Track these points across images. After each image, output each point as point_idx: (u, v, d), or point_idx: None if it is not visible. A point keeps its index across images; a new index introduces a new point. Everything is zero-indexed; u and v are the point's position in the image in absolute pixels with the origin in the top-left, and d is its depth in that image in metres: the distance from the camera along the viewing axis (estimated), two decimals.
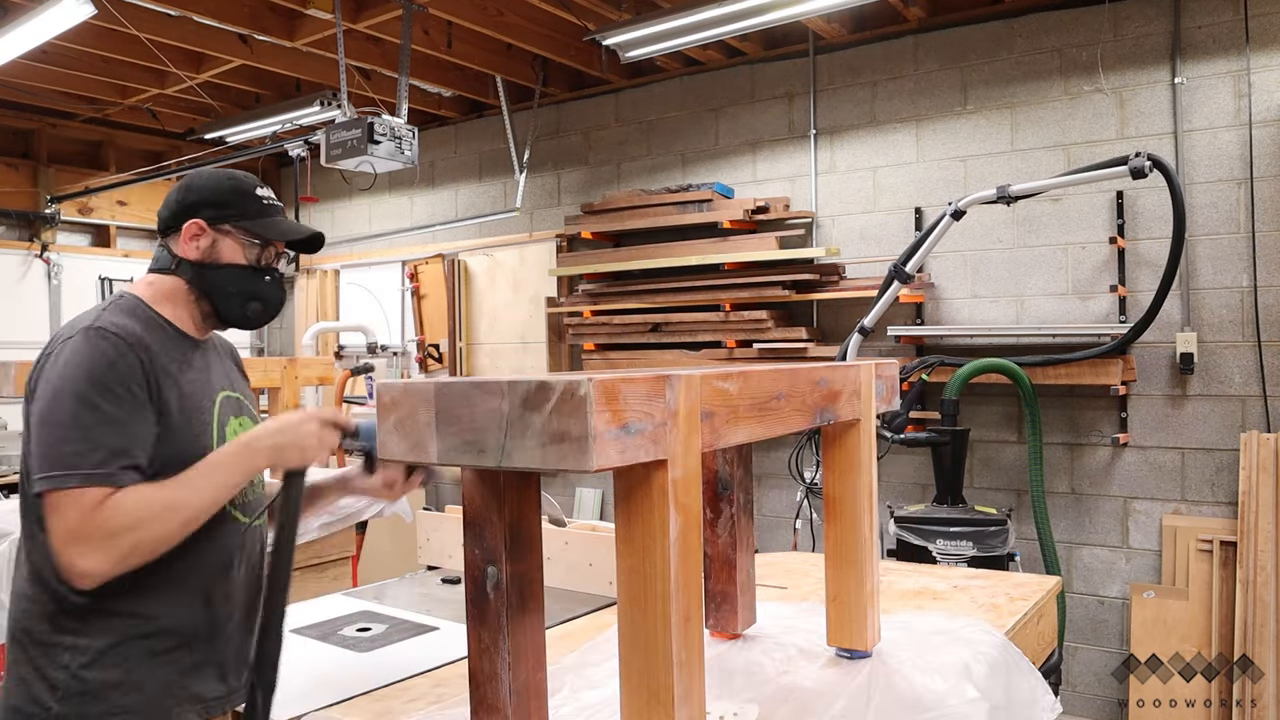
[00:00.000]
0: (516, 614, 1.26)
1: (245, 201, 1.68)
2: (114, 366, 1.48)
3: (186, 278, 1.66)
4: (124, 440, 1.47)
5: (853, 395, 1.68)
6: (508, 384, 1.06)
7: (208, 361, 1.71)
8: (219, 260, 1.66)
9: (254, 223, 1.67)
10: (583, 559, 2.59)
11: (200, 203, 1.65)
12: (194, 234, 1.65)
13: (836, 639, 1.75)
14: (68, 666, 1.50)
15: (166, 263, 1.67)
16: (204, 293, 1.66)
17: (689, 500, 1.16)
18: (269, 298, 1.71)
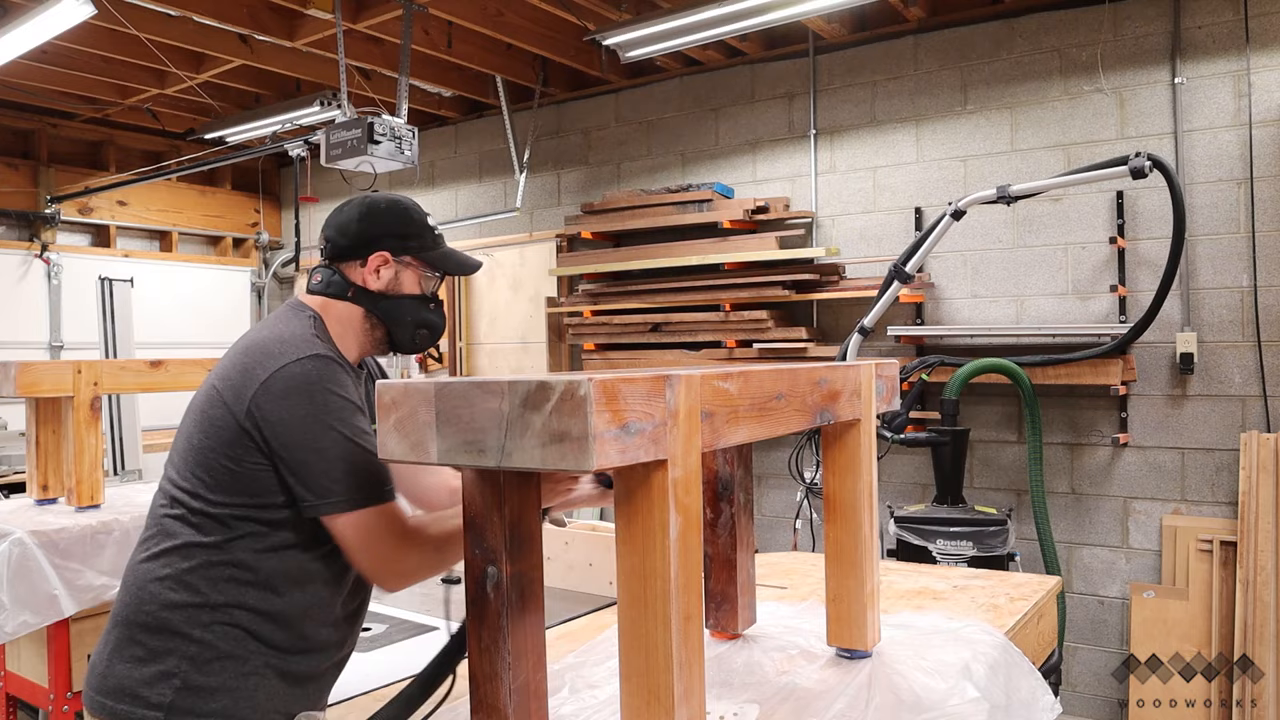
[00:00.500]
0: (516, 614, 1.26)
1: (424, 233, 1.73)
2: (349, 392, 1.56)
3: (366, 306, 1.69)
4: (379, 462, 1.53)
5: (853, 395, 1.68)
6: (508, 384, 1.06)
7: (362, 392, 1.75)
8: (400, 291, 1.70)
9: (432, 255, 1.73)
10: (583, 559, 2.59)
11: (385, 234, 1.69)
12: (379, 264, 1.69)
13: (836, 639, 1.75)
14: (194, 659, 1.53)
15: (341, 289, 1.69)
16: (382, 321, 1.71)
17: (689, 500, 1.16)
18: (436, 325, 1.78)
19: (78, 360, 3.34)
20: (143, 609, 1.56)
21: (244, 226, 7.97)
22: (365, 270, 1.68)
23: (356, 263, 1.69)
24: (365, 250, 1.68)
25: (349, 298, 1.68)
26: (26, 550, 2.81)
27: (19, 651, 3.15)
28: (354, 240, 1.69)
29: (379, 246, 1.68)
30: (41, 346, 6.68)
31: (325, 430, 1.50)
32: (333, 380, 1.53)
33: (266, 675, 1.57)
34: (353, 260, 1.69)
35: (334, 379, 1.53)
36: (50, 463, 3.34)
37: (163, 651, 1.53)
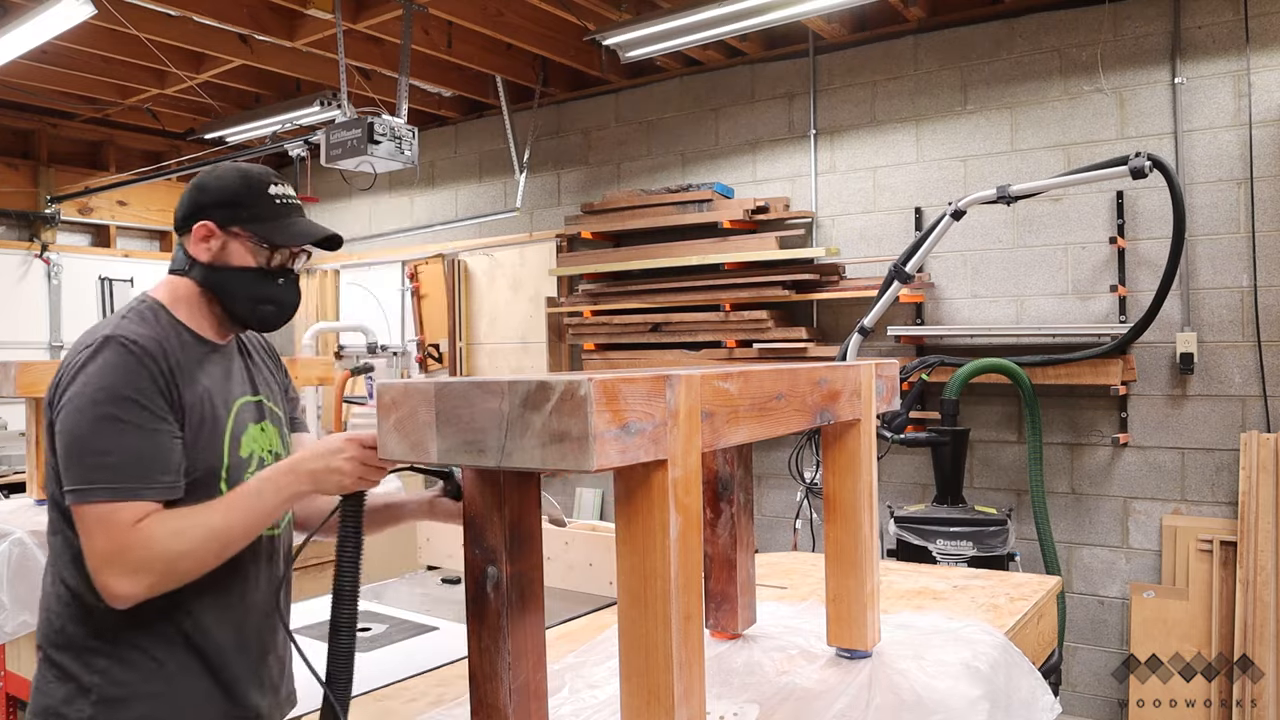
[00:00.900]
0: (516, 614, 1.26)
1: (257, 202, 1.62)
2: (134, 379, 1.47)
3: (198, 279, 1.62)
4: (151, 454, 1.46)
5: (853, 395, 1.68)
6: (508, 384, 1.06)
7: (227, 367, 1.67)
8: (229, 263, 1.61)
9: (264, 225, 1.62)
10: (583, 559, 2.59)
11: (211, 203, 1.61)
12: (204, 236, 1.61)
13: (836, 639, 1.75)
14: (104, 671, 1.49)
15: (182, 264, 1.64)
16: (215, 295, 1.63)
17: (689, 500, 1.16)
18: (282, 300, 1.67)
19: None
20: (50, 627, 1.54)
21: None
22: (193, 241, 1.61)
23: (189, 235, 1.62)
24: (192, 221, 1.61)
25: (186, 272, 1.63)
26: (26, 550, 2.82)
27: (19, 651, 3.15)
28: (185, 211, 1.63)
29: (203, 216, 1.60)
30: (41, 346, 6.68)
31: (81, 418, 1.44)
32: (112, 367, 1.46)
33: (188, 674, 1.54)
34: (186, 233, 1.63)
35: (114, 366, 1.46)
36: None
37: (74, 667, 1.50)
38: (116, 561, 1.39)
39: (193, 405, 1.54)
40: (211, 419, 1.58)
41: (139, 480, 1.43)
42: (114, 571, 1.39)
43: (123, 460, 1.43)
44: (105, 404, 1.44)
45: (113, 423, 1.44)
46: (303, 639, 2.15)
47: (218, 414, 1.60)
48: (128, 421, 1.44)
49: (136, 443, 1.45)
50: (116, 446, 1.43)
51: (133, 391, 1.46)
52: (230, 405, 1.63)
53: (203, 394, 1.57)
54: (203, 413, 1.56)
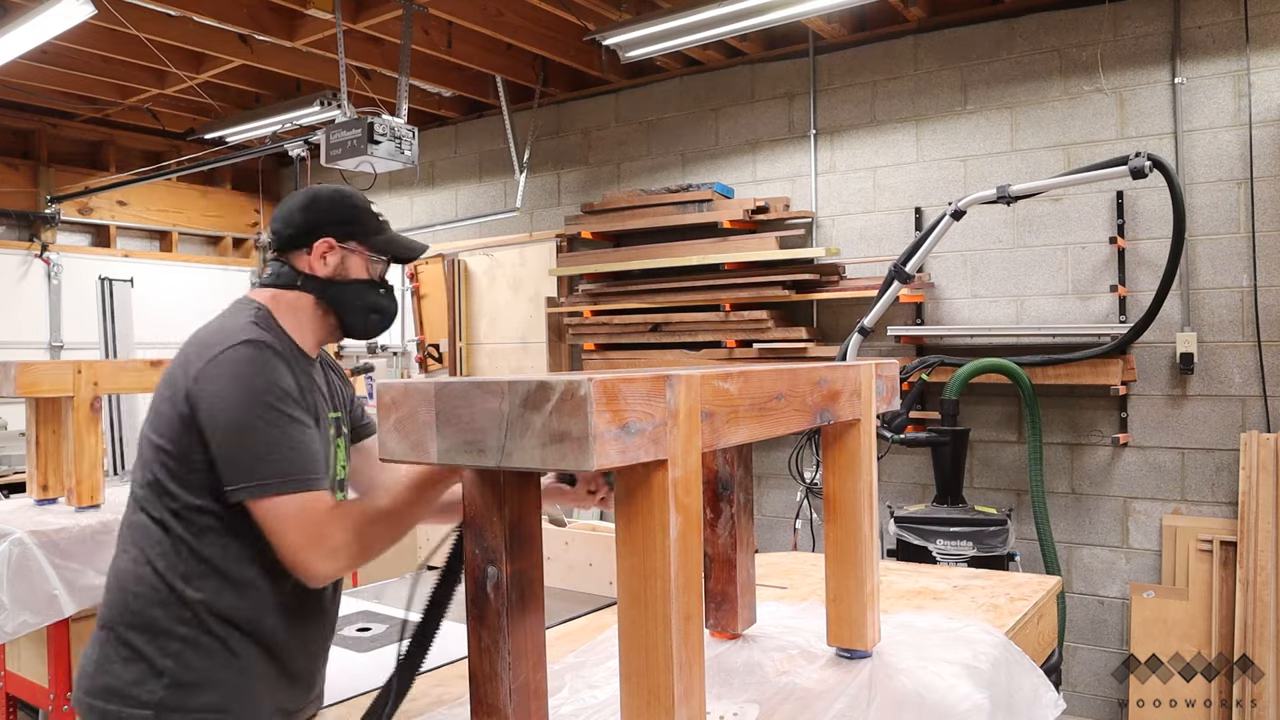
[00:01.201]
0: (516, 614, 1.26)
1: (367, 219, 1.75)
2: (283, 377, 1.55)
3: (315, 293, 1.71)
4: (314, 447, 1.55)
5: (853, 395, 1.68)
6: (508, 384, 1.06)
7: (322, 379, 1.75)
8: (347, 276, 1.72)
9: (376, 239, 1.74)
10: (583, 559, 2.59)
11: (328, 221, 1.71)
12: (324, 251, 1.70)
13: (836, 639, 1.75)
14: (178, 655, 1.53)
15: (290, 279, 1.71)
16: (332, 307, 1.72)
17: (689, 500, 1.16)
18: (387, 309, 1.78)
19: (78, 360, 3.34)
20: (127, 609, 1.57)
21: (244, 226, 7.97)
22: (312, 258, 1.70)
23: (303, 251, 1.71)
24: (310, 238, 1.71)
25: (298, 286, 1.71)
26: (26, 550, 2.82)
27: (19, 651, 3.15)
28: (299, 229, 1.72)
29: (323, 233, 1.70)
30: (41, 346, 6.68)
31: (249, 414, 1.50)
32: (264, 365, 1.53)
33: (258, 666, 1.58)
34: (299, 249, 1.71)
35: (265, 364, 1.54)
36: (50, 463, 3.34)
37: (149, 649, 1.54)
38: (319, 545, 1.47)
39: (309, 412, 1.61)
40: (322, 428, 1.65)
41: (317, 471, 1.52)
42: (317, 555, 1.47)
43: (300, 452, 1.51)
44: (269, 400, 1.51)
45: (280, 417, 1.51)
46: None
47: (323, 423, 1.67)
48: (293, 417, 1.53)
49: (304, 436, 1.53)
50: (292, 439, 1.51)
51: (284, 390, 1.54)
52: (328, 416, 1.71)
53: (311, 403, 1.63)
54: (316, 419, 1.63)
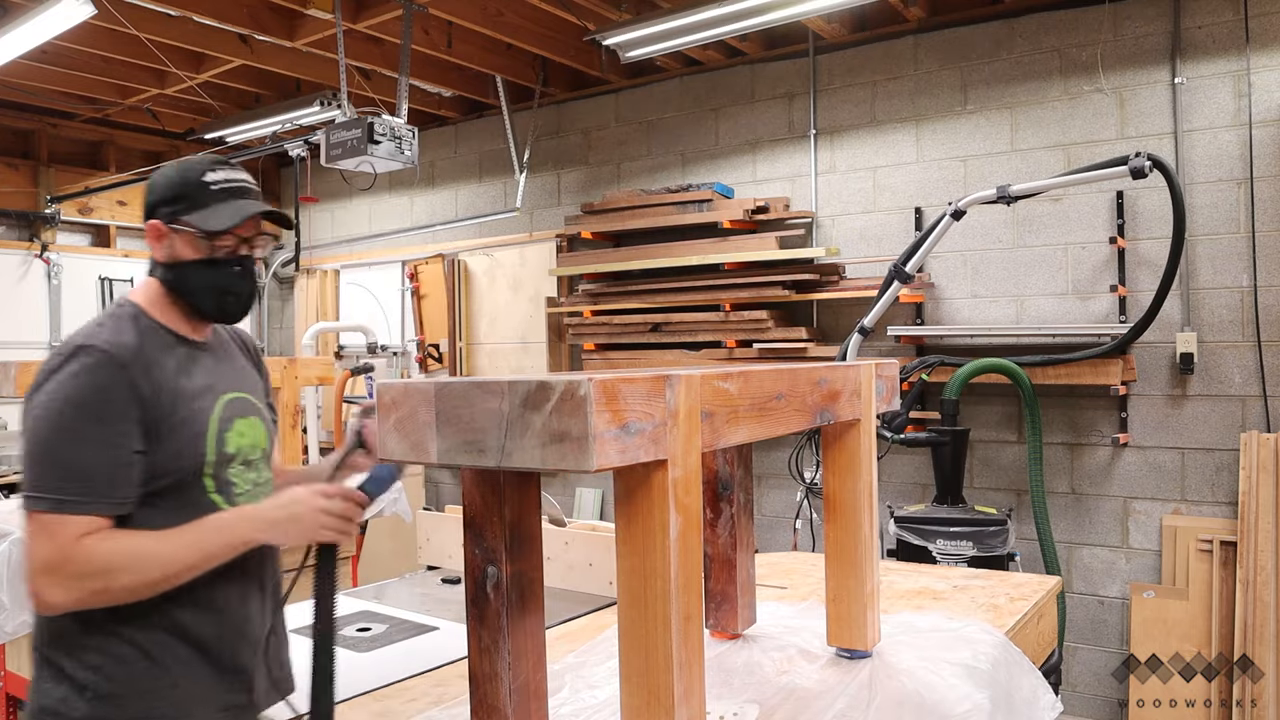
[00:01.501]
0: (516, 614, 1.26)
1: (195, 192, 1.60)
2: (101, 391, 1.47)
3: (161, 278, 1.64)
4: (105, 470, 1.46)
5: (853, 395, 1.68)
6: (508, 384, 1.06)
7: (212, 364, 1.67)
8: (179, 258, 1.61)
9: (201, 214, 1.59)
10: (583, 559, 2.59)
11: (157, 201, 1.61)
12: (155, 235, 1.62)
13: (836, 639, 1.75)
14: (99, 668, 1.49)
15: (151, 266, 1.66)
16: (176, 291, 1.63)
17: (689, 500, 1.16)
18: (236, 288, 1.64)
19: None
20: (45, 627, 1.55)
21: None
22: (149, 242, 1.63)
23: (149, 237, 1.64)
24: (147, 221, 1.63)
25: (151, 273, 1.65)
26: None
27: (19, 651, 3.15)
28: (145, 215, 1.63)
29: (153, 216, 1.61)
30: (41, 346, 6.68)
31: (38, 426, 1.46)
32: (78, 376, 1.46)
33: (187, 668, 1.54)
34: (147, 235, 1.65)
35: (81, 374, 1.46)
36: None
37: (69, 666, 1.51)
38: (54, 571, 1.40)
39: (171, 406, 1.54)
40: (193, 418, 1.58)
41: (88, 495, 1.44)
42: (49, 581, 1.41)
43: (75, 473, 1.44)
44: (68, 415, 1.45)
45: (71, 435, 1.45)
46: (303, 639, 2.15)
47: (200, 412, 1.59)
48: (85, 436, 1.45)
49: (92, 457, 1.45)
50: (72, 459, 1.44)
51: (97, 405, 1.46)
52: (216, 401, 1.63)
53: (182, 393, 1.57)
54: (183, 412, 1.56)
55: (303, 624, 2.26)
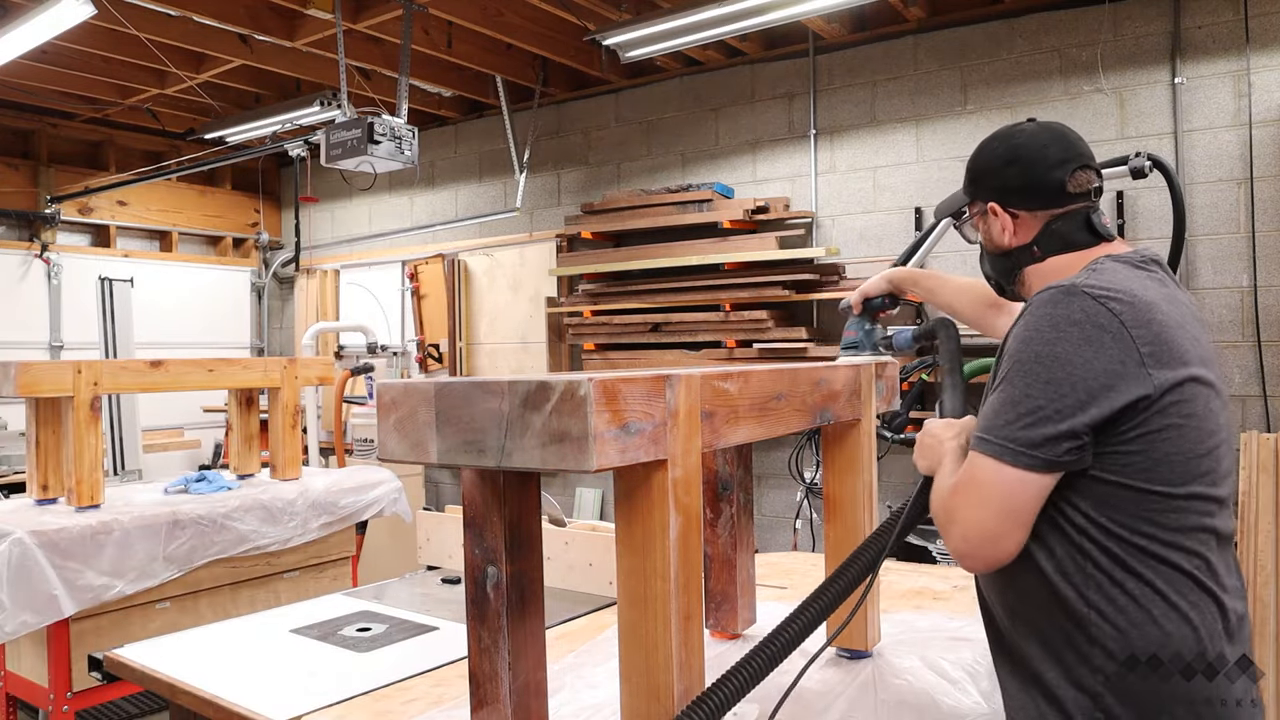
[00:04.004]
0: (516, 614, 1.26)
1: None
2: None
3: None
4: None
5: (853, 395, 1.68)
6: (508, 384, 1.06)
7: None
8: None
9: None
10: (583, 559, 2.59)
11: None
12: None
13: (836, 639, 1.75)
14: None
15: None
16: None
17: (689, 500, 1.16)
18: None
19: (78, 360, 3.34)
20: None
21: (244, 226, 7.97)
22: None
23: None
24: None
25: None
26: (26, 550, 2.81)
27: (19, 651, 3.15)
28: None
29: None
30: (41, 346, 6.68)
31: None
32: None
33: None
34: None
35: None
36: (50, 463, 3.34)
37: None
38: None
39: None
40: None
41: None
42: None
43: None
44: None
45: None
46: (304, 639, 2.15)
47: None
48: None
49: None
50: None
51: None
52: None
53: None
54: None
55: (301, 624, 2.26)
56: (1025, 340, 1.27)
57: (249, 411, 3.86)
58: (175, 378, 3.56)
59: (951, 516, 1.26)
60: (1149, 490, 1.23)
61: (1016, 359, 1.26)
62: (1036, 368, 1.23)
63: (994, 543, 1.23)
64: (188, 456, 7.06)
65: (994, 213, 1.50)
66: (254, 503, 3.42)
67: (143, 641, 2.19)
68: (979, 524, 1.23)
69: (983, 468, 1.24)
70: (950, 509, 1.27)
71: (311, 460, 5.78)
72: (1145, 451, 1.23)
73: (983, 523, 1.23)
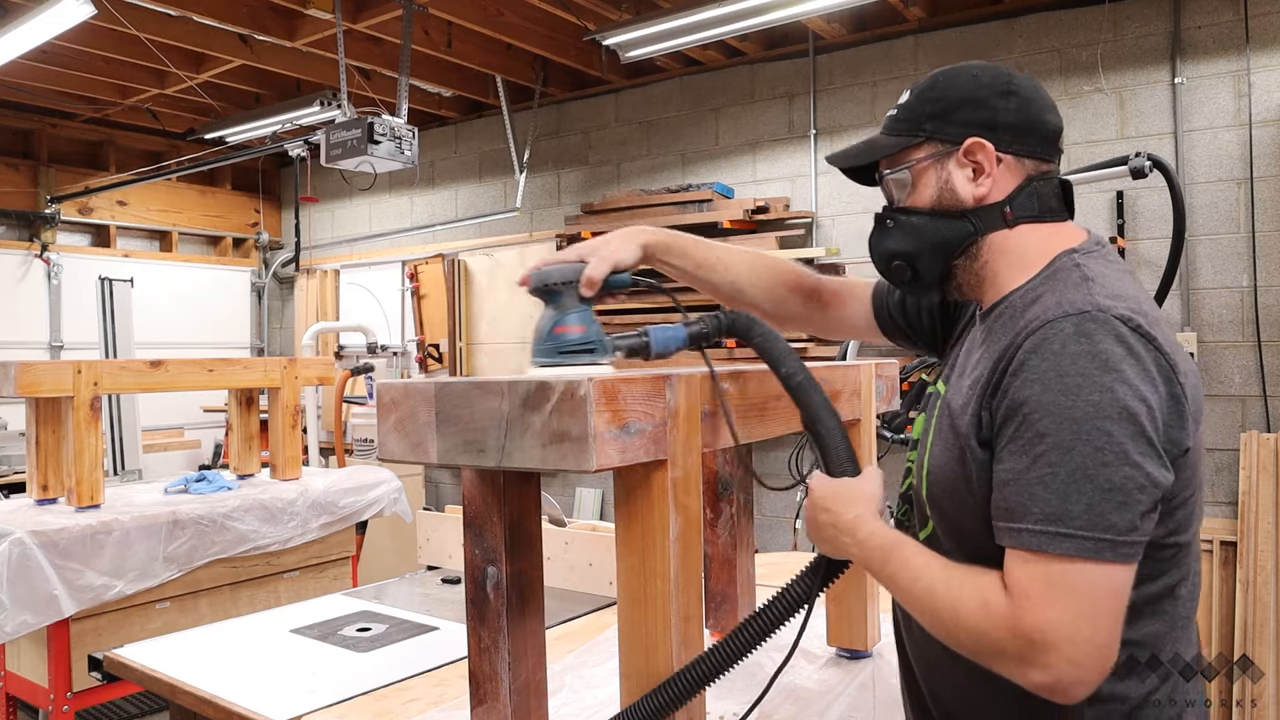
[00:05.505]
0: (516, 614, 1.26)
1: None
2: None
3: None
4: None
5: (853, 395, 1.68)
6: (508, 384, 1.06)
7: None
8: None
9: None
10: (583, 559, 2.59)
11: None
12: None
13: (837, 639, 1.75)
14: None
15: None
16: None
17: (689, 500, 1.16)
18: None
19: (78, 360, 3.34)
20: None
21: (244, 226, 7.97)
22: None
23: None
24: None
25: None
26: (26, 550, 2.81)
27: (19, 651, 3.15)
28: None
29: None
30: (41, 346, 6.68)
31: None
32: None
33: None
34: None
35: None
36: (50, 463, 3.34)
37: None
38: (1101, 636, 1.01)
39: None
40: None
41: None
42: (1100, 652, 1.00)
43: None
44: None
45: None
46: (304, 639, 2.15)
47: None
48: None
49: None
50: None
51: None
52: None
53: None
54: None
55: (301, 624, 2.26)
56: (1067, 389, 0.98)
57: (249, 411, 3.86)
58: (175, 378, 3.56)
59: (1036, 642, 0.95)
60: (1164, 545, 1.07)
61: (1063, 415, 0.98)
62: (1103, 424, 0.96)
63: (1107, 657, 0.96)
64: (188, 456, 7.06)
65: (968, 154, 1.16)
66: (254, 503, 3.42)
67: (143, 641, 2.19)
68: (1092, 641, 0.94)
69: (1073, 572, 0.95)
70: (1027, 631, 0.95)
71: (311, 460, 5.78)
72: (1171, 501, 1.04)
73: (1096, 638, 0.95)
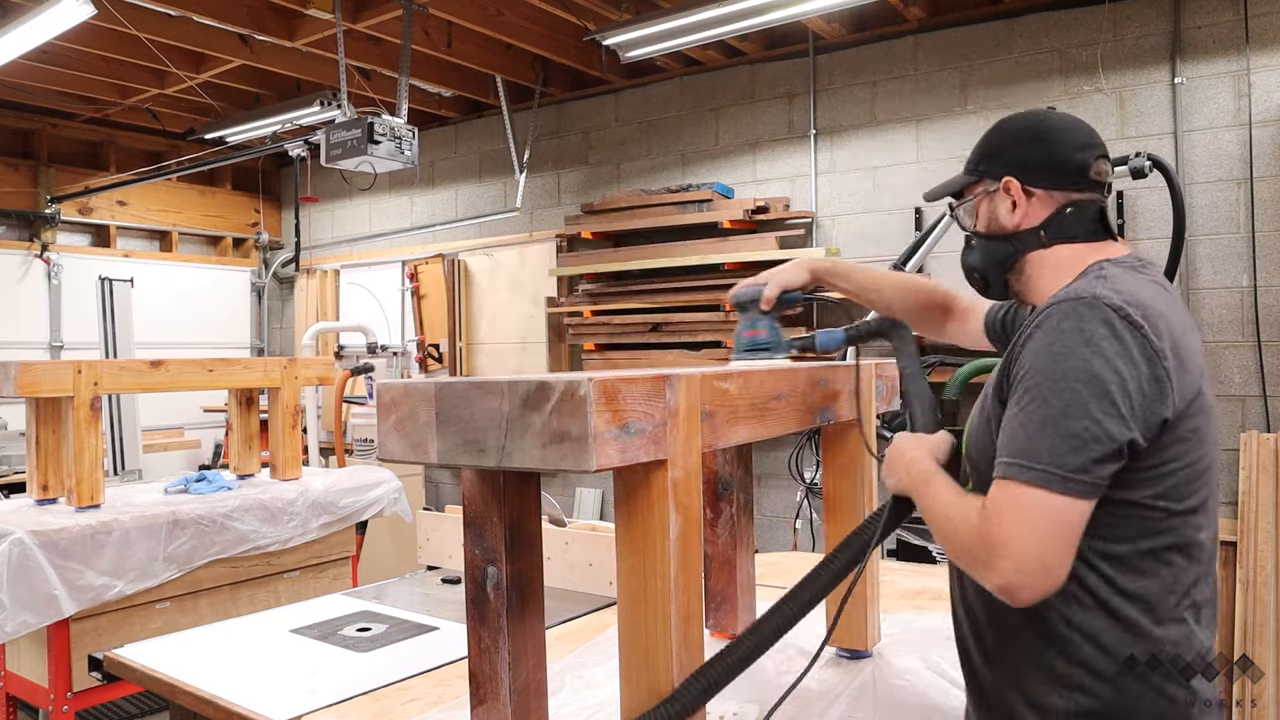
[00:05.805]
0: (516, 614, 1.26)
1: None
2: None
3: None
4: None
5: (853, 395, 1.68)
6: (508, 384, 1.06)
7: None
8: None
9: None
10: (583, 559, 2.59)
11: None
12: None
13: (836, 639, 1.75)
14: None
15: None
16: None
17: (689, 500, 1.16)
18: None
19: (78, 360, 3.34)
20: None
21: (244, 226, 7.97)
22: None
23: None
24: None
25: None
26: (26, 550, 2.81)
27: (19, 651, 3.15)
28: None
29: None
30: (41, 346, 6.68)
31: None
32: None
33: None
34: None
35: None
36: (50, 463, 3.34)
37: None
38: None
39: None
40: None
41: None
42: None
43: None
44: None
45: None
46: (304, 639, 2.15)
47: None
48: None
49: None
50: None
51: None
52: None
53: None
54: None
55: (301, 624, 2.26)
56: (1053, 355, 1.19)
57: (249, 411, 3.86)
58: (175, 378, 3.56)
59: (995, 549, 1.17)
60: (1150, 506, 1.21)
61: (1046, 375, 1.19)
62: (1075, 385, 1.17)
63: (1050, 573, 1.16)
64: (188, 456, 7.06)
65: (1006, 189, 1.41)
66: (254, 503, 3.42)
67: (143, 641, 2.19)
68: (1037, 556, 1.15)
69: (1029, 497, 1.16)
70: (992, 541, 1.17)
71: (311, 460, 5.78)
72: (1156, 468, 1.20)
73: (1042, 554, 1.15)
